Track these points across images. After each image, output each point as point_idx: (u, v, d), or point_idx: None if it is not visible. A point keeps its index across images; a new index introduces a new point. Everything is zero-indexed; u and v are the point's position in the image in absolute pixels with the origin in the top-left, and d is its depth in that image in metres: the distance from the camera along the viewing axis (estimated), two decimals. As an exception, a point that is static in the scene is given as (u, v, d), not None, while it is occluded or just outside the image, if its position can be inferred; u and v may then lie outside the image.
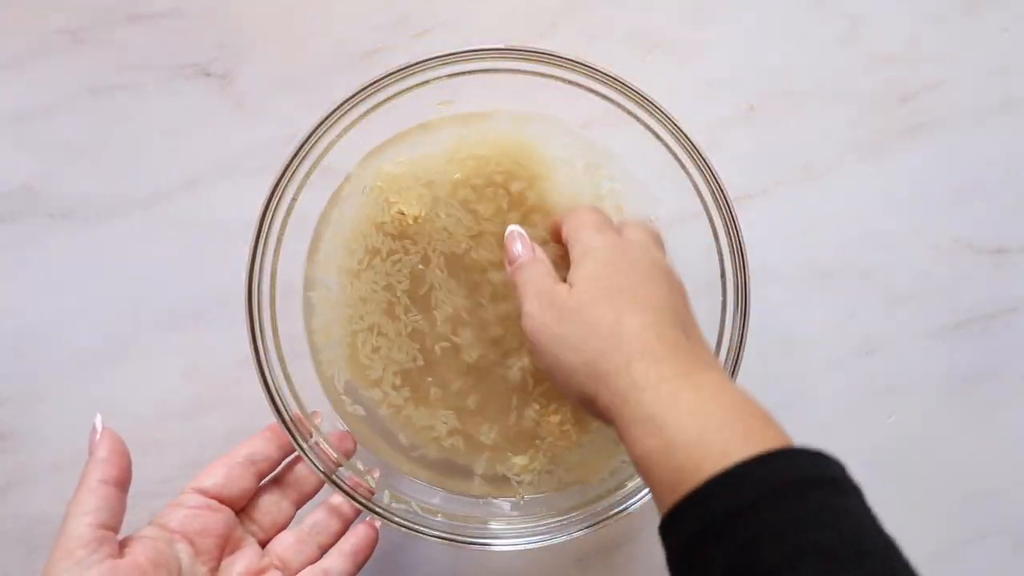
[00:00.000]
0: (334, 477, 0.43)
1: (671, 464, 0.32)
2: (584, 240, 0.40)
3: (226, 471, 0.41)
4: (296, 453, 0.43)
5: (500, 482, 0.47)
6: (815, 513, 0.29)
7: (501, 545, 0.44)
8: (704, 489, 0.30)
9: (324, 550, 0.43)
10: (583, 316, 0.37)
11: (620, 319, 0.36)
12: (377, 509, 0.43)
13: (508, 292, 0.45)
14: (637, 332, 0.36)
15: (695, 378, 0.34)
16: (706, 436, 0.32)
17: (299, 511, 0.44)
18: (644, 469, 0.33)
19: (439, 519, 0.44)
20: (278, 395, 0.43)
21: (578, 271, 0.39)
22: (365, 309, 0.45)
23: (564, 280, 0.40)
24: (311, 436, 0.43)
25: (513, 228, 0.43)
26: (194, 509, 0.40)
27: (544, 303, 0.39)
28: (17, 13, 0.52)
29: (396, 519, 0.43)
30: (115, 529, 0.37)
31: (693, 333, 0.38)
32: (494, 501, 0.47)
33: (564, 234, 0.42)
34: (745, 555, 0.29)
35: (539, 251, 0.42)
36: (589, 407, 0.37)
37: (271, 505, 0.43)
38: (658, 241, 0.43)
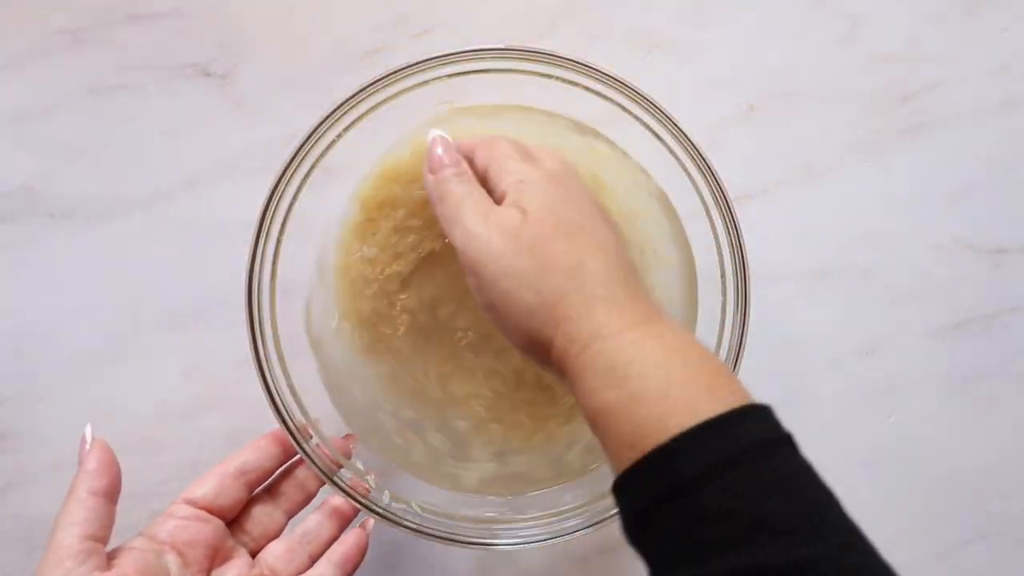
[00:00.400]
0: (335, 478, 0.43)
1: (633, 418, 0.30)
2: (515, 170, 0.36)
3: (217, 481, 0.41)
4: (289, 462, 0.44)
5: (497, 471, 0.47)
6: (767, 481, 0.28)
7: (501, 545, 0.44)
8: (669, 447, 0.29)
9: (315, 559, 0.42)
10: (543, 251, 0.33)
11: (582, 259, 0.33)
12: (377, 509, 0.43)
13: None
14: (600, 275, 0.33)
15: (656, 327, 0.32)
16: (671, 390, 0.30)
17: (291, 520, 0.44)
18: (602, 423, 0.31)
19: (439, 519, 0.44)
20: (278, 395, 0.43)
21: (529, 199, 0.35)
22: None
23: None
24: (311, 437, 0.43)
25: (436, 133, 0.38)
26: (184, 520, 0.39)
27: (493, 226, 0.34)
28: (17, 13, 0.52)
29: (396, 519, 0.43)
30: (103, 540, 0.36)
31: (639, 278, 0.35)
32: (494, 500, 0.47)
33: (481, 162, 0.38)
34: (693, 531, 0.28)
35: (466, 164, 0.37)
36: (537, 352, 0.34)
37: (263, 515, 0.42)
38: (575, 172, 0.39)
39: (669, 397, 0.30)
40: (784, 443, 0.30)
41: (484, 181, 0.38)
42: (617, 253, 0.35)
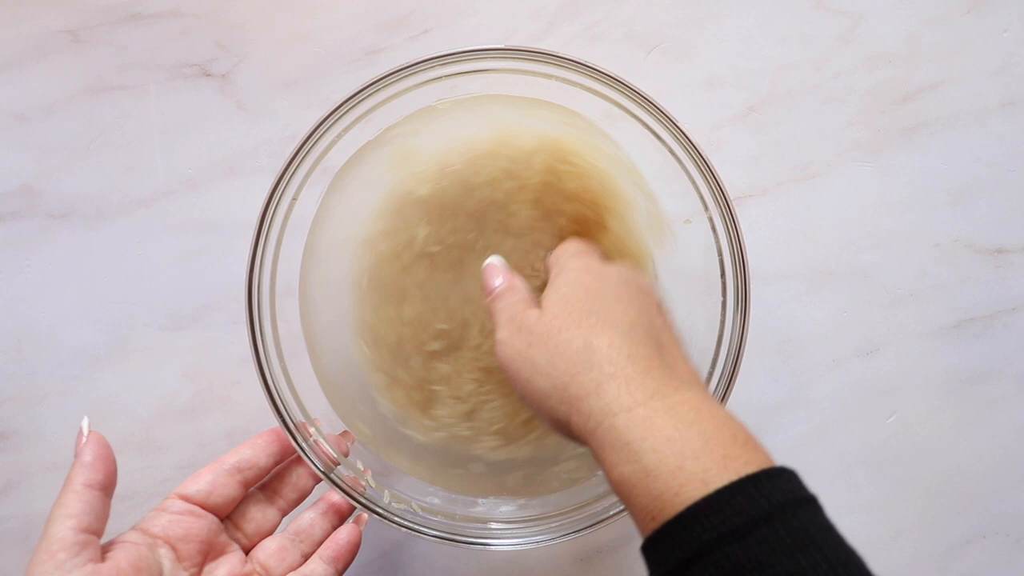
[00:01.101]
0: (332, 475, 0.43)
1: (649, 492, 0.31)
2: (561, 263, 0.41)
3: (212, 478, 0.41)
4: (286, 461, 0.44)
5: (499, 474, 0.47)
6: (799, 537, 0.29)
7: (501, 545, 0.44)
8: (683, 517, 0.30)
9: (307, 557, 0.43)
10: (552, 340, 0.36)
11: (589, 342, 0.36)
12: (377, 509, 0.43)
13: None
14: (607, 353, 0.35)
15: (670, 400, 0.34)
16: (684, 464, 0.31)
17: (285, 517, 0.44)
18: (623, 494, 0.33)
19: (439, 519, 0.44)
20: (278, 395, 0.43)
21: (549, 294, 0.39)
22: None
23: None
24: (310, 436, 0.43)
25: (492, 260, 0.43)
26: (177, 515, 0.39)
27: (515, 329, 0.38)
28: (17, 13, 0.52)
29: (396, 519, 0.43)
30: (98, 533, 0.37)
31: (671, 350, 0.37)
32: (494, 501, 0.47)
33: (549, 263, 0.42)
34: None
35: (517, 280, 0.42)
36: (564, 431, 0.36)
37: (257, 513, 0.43)
38: (642, 274, 0.42)
39: (682, 471, 0.31)
40: (804, 503, 0.31)
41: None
42: (628, 329, 0.36)
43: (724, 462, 0.31)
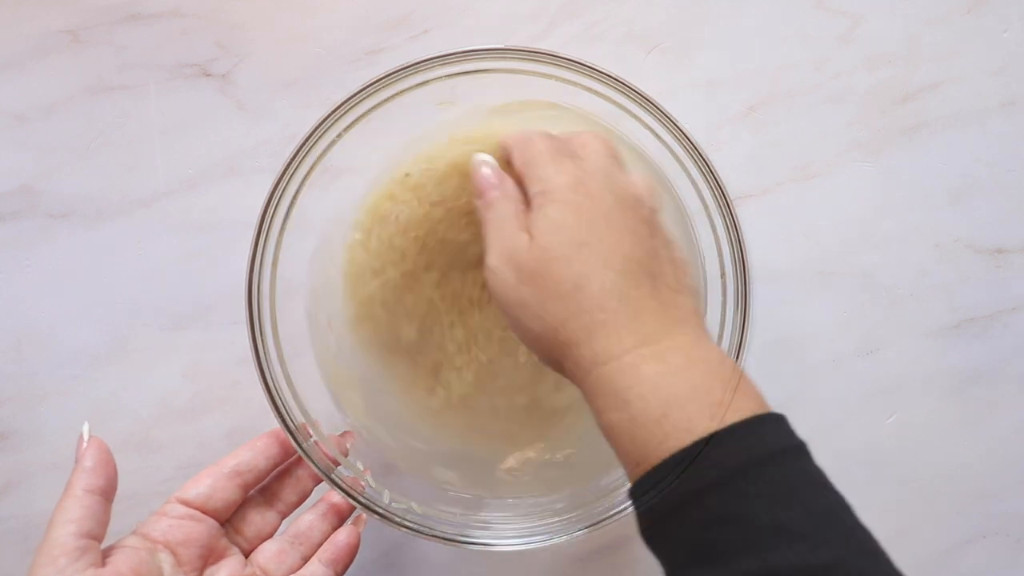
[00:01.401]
0: (332, 476, 0.43)
1: (635, 439, 0.32)
2: (543, 177, 0.37)
3: (211, 482, 0.41)
4: (285, 463, 0.44)
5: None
6: (779, 488, 0.29)
7: (501, 545, 0.44)
8: (664, 467, 0.31)
9: (307, 559, 0.43)
10: (543, 278, 0.35)
11: (580, 283, 0.34)
12: (377, 509, 0.43)
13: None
14: (598, 298, 0.34)
15: (661, 346, 0.33)
16: (670, 412, 0.31)
17: (285, 520, 0.44)
18: (611, 441, 0.34)
19: (439, 519, 0.44)
20: (278, 395, 0.43)
21: (538, 219, 0.36)
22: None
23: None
24: (310, 437, 0.43)
25: (482, 155, 0.40)
26: (177, 519, 0.39)
27: (505, 256, 0.36)
28: (17, 13, 0.52)
29: (396, 519, 0.43)
30: (99, 538, 0.37)
31: (666, 281, 0.35)
32: (494, 501, 0.47)
33: (517, 165, 0.38)
34: (708, 535, 0.29)
35: (510, 184, 0.38)
36: (559, 371, 0.37)
37: (256, 516, 0.43)
38: (617, 159, 0.39)
39: (667, 419, 0.31)
40: (789, 452, 0.31)
41: (521, 184, 0.38)
42: (622, 265, 0.35)
43: (711, 410, 0.31)
